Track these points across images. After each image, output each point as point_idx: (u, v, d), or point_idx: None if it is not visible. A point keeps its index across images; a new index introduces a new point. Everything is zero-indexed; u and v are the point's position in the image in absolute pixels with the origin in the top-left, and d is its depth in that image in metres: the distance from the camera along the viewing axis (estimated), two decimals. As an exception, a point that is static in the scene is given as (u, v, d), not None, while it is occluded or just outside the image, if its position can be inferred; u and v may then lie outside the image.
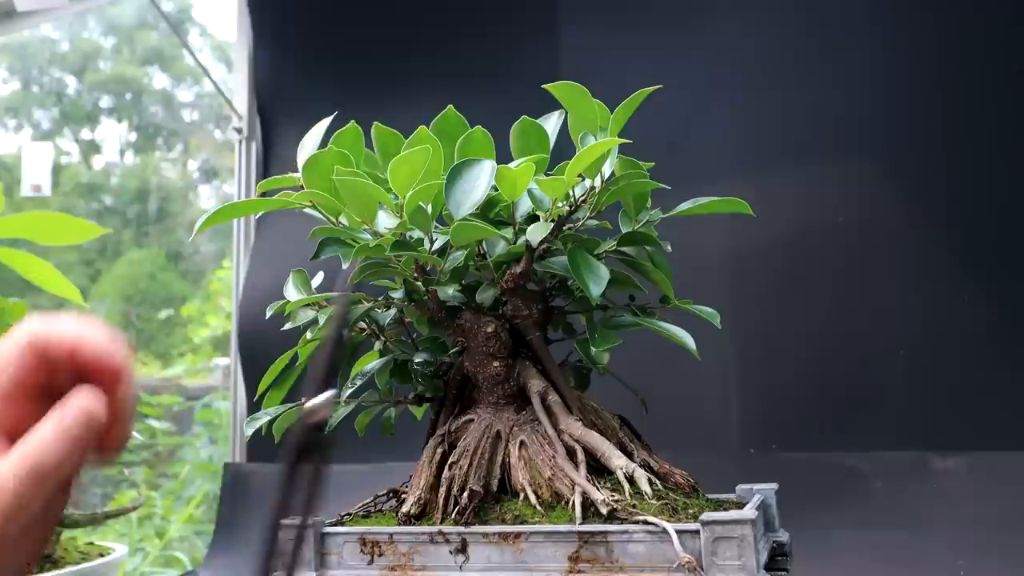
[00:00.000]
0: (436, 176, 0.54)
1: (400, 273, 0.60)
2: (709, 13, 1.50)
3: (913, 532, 1.14)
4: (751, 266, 1.41)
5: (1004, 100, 1.29)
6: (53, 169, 2.40)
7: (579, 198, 0.56)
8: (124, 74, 7.09)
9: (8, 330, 0.45)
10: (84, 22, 6.88)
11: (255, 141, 1.95)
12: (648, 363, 0.98)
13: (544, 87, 0.56)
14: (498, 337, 0.59)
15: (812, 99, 1.41)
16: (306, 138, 0.60)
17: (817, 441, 1.32)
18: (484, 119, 0.59)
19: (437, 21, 1.74)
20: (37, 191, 2.30)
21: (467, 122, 0.61)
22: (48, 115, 7.20)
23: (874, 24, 1.39)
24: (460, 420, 0.61)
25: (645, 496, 0.52)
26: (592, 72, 1.53)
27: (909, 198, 1.34)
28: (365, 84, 1.77)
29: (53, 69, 7.02)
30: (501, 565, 0.51)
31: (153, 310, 6.41)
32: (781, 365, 1.38)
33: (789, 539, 0.61)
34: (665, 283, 0.61)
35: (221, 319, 4.96)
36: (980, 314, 1.26)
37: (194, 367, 5.22)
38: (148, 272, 6.51)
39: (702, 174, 1.39)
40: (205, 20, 6.74)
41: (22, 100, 6.69)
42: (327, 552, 0.55)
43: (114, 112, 7.28)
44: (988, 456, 1.21)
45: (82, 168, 7.05)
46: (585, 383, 0.65)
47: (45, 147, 2.58)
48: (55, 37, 6.84)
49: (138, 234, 6.82)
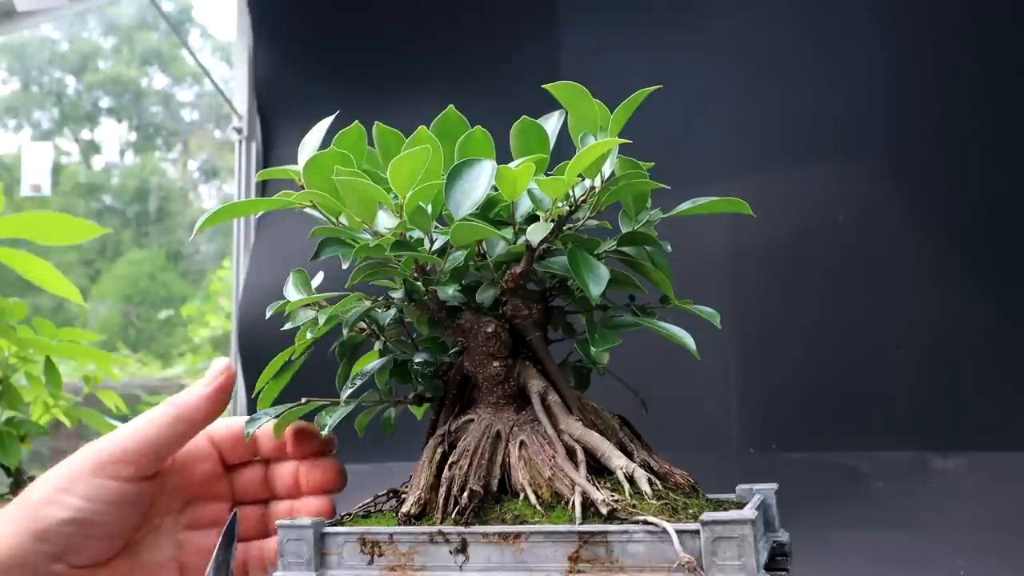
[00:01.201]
0: (436, 176, 0.54)
1: (400, 273, 0.60)
2: (709, 13, 1.50)
3: (913, 532, 1.14)
4: (751, 266, 1.41)
5: (1004, 100, 1.29)
6: (53, 169, 2.41)
7: (579, 198, 0.56)
8: (124, 74, 7.09)
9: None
10: (84, 22, 6.88)
11: (255, 141, 1.95)
12: (648, 363, 0.98)
13: (544, 87, 0.56)
14: (498, 337, 0.59)
15: (812, 99, 1.41)
16: (307, 138, 0.60)
17: (817, 441, 1.32)
18: (484, 119, 0.59)
19: (437, 21, 1.74)
20: (37, 191, 2.30)
21: (467, 122, 0.61)
22: (48, 115, 7.20)
23: (873, 24, 1.39)
24: (460, 420, 0.61)
25: (645, 496, 0.52)
26: (592, 72, 1.53)
27: (909, 198, 1.34)
28: (365, 84, 1.77)
29: (53, 69, 7.03)
30: (501, 565, 0.51)
31: (153, 310, 6.42)
32: (781, 365, 1.38)
33: (789, 539, 0.61)
34: (665, 283, 0.61)
35: (221, 319, 4.96)
36: (979, 314, 1.27)
37: (194, 367, 5.22)
38: (148, 272, 6.52)
39: (702, 174, 1.39)
40: (205, 20, 6.75)
41: (22, 100, 6.70)
42: (327, 552, 0.55)
43: (114, 112, 7.29)
44: (988, 456, 1.21)
45: (82, 168, 7.05)
46: (585, 383, 0.66)
47: (45, 147, 2.59)
48: (55, 37, 6.84)
49: (138, 234, 6.82)
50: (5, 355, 1.12)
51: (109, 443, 0.56)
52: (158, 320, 6.42)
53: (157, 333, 6.41)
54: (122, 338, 5.92)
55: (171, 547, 0.60)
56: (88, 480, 0.54)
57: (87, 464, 0.55)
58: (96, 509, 0.54)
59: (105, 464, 0.55)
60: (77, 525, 0.54)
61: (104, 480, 0.55)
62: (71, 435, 1.57)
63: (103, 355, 1.21)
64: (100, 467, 0.55)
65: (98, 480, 0.54)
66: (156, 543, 0.60)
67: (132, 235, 6.81)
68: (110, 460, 0.55)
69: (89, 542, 0.55)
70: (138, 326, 6.45)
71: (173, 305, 6.30)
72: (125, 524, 0.56)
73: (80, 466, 0.55)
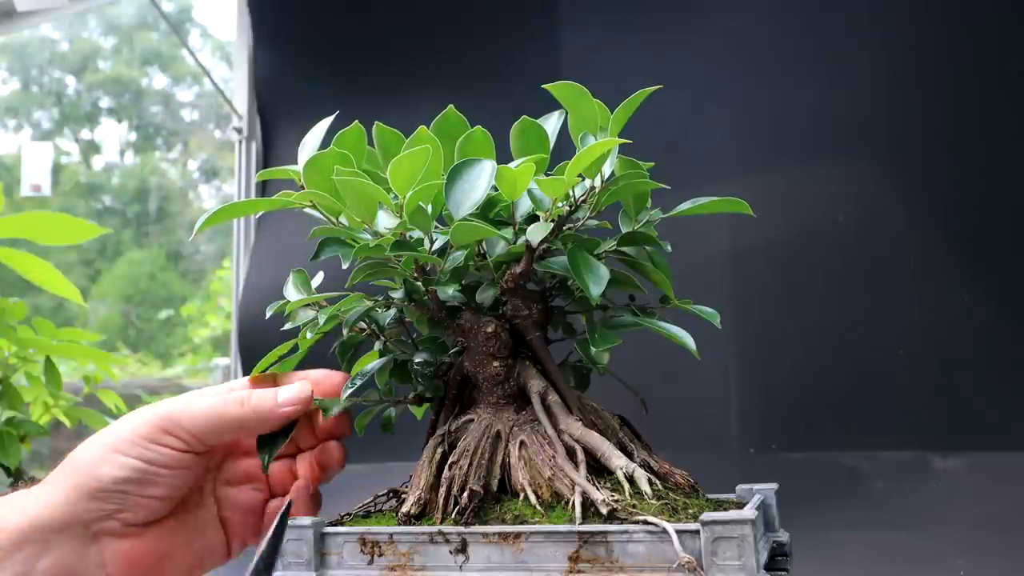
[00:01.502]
0: (436, 176, 0.54)
1: (400, 273, 0.60)
2: (708, 13, 1.50)
3: (913, 532, 1.14)
4: (751, 266, 1.41)
5: (1004, 100, 1.29)
6: (53, 169, 2.41)
7: (579, 198, 0.56)
8: (124, 74, 7.09)
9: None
10: (84, 22, 6.88)
11: (255, 141, 1.96)
12: (648, 363, 0.98)
13: (544, 87, 0.56)
14: (498, 337, 0.59)
15: (812, 99, 1.41)
16: (306, 138, 0.60)
17: (817, 441, 1.32)
18: (484, 119, 0.59)
19: (438, 21, 1.74)
20: (37, 191, 2.30)
21: (467, 122, 0.61)
22: (48, 115, 7.20)
23: (873, 24, 1.39)
24: (460, 420, 0.61)
25: (645, 496, 0.52)
26: (592, 72, 1.53)
27: (909, 198, 1.34)
28: (365, 84, 1.77)
29: (53, 69, 7.03)
30: (501, 565, 0.51)
31: (153, 310, 6.42)
32: (781, 365, 1.38)
33: (789, 539, 0.61)
34: (665, 283, 0.61)
35: (221, 319, 4.96)
36: (979, 314, 1.27)
37: (194, 367, 5.22)
38: (148, 272, 6.52)
39: (702, 174, 1.39)
40: (205, 20, 6.75)
41: (22, 100, 6.70)
42: (327, 552, 0.55)
43: (114, 112, 7.29)
44: (988, 456, 1.21)
45: (82, 168, 7.05)
46: (585, 383, 0.65)
47: (45, 147, 2.59)
48: (55, 37, 6.84)
49: (138, 234, 6.82)
50: (5, 355, 1.12)
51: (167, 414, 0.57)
52: (158, 320, 6.42)
53: (157, 333, 6.41)
54: (122, 338, 5.92)
55: (213, 504, 0.62)
56: (145, 444, 0.56)
57: (144, 428, 0.56)
58: (153, 471, 0.56)
59: (161, 433, 0.56)
60: (134, 484, 0.55)
61: (159, 447, 0.56)
62: (71, 435, 1.57)
63: (103, 355, 1.21)
64: (156, 435, 0.56)
65: (154, 445, 0.56)
66: (200, 501, 0.62)
67: (132, 235, 6.82)
68: (166, 431, 0.57)
69: (145, 500, 0.56)
70: (138, 326, 6.45)
71: (173, 305, 6.31)
72: (180, 485, 0.58)
73: (137, 429, 0.56)
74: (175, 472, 0.57)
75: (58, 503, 0.55)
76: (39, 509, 0.55)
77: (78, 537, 0.55)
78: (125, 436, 0.56)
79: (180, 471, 0.57)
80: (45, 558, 0.54)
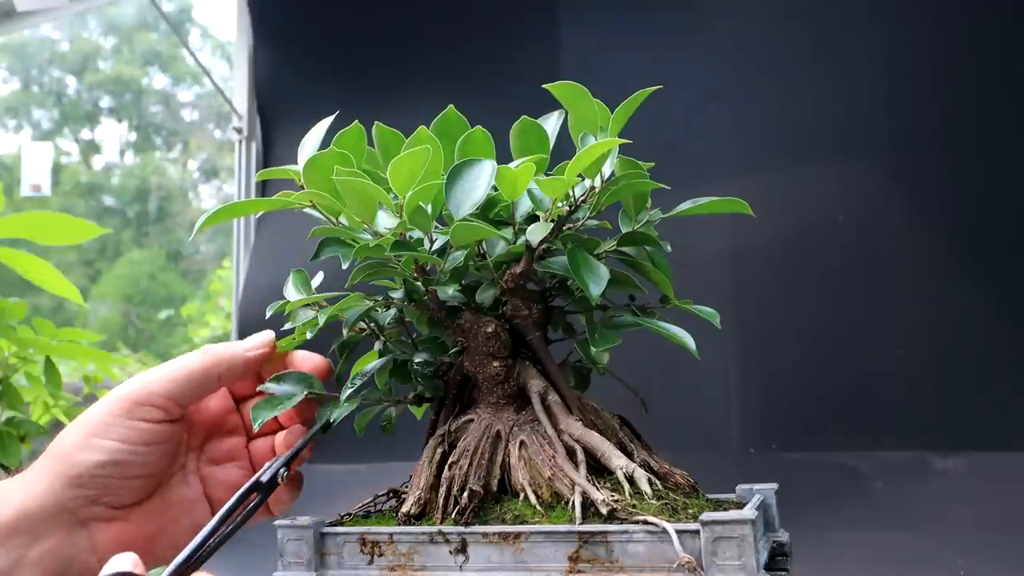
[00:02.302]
0: (436, 176, 0.54)
1: (400, 273, 0.60)
2: (709, 13, 1.50)
3: (913, 532, 1.14)
4: (751, 266, 1.41)
5: (1004, 100, 1.29)
6: (53, 169, 2.41)
7: (579, 198, 0.56)
8: (124, 74, 7.09)
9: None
10: (84, 22, 6.88)
11: (255, 141, 1.96)
12: (648, 363, 0.98)
13: (544, 87, 0.56)
14: (498, 337, 0.59)
15: (812, 99, 1.41)
16: (306, 138, 0.60)
17: (817, 441, 1.32)
18: (484, 119, 0.59)
19: (437, 21, 1.74)
20: (37, 191, 2.30)
21: (467, 122, 0.61)
22: (48, 115, 7.20)
23: (873, 24, 1.39)
24: (460, 420, 0.61)
25: (645, 496, 0.52)
26: (592, 72, 1.53)
27: (909, 198, 1.34)
28: (365, 84, 1.77)
29: (53, 69, 7.02)
30: (501, 565, 0.51)
31: (153, 310, 6.42)
32: (781, 365, 1.38)
33: (789, 539, 0.61)
34: (665, 283, 0.61)
35: (221, 319, 4.96)
36: (979, 314, 1.27)
37: (194, 367, 5.21)
38: (148, 272, 6.52)
39: (702, 174, 1.39)
40: (205, 20, 6.75)
41: (22, 100, 6.70)
42: (327, 552, 0.55)
43: (114, 112, 7.29)
44: (988, 456, 1.21)
45: (82, 168, 7.05)
46: (585, 383, 0.65)
47: (45, 147, 2.59)
48: (55, 37, 6.84)
49: (138, 234, 6.82)
50: (5, 355, 1.12)
51: (139, 386, 0.58)
52: (158, 320, 6.42)
53: (157, 333, 6.41)
54: (122, 338, 5.92)
55: (197, 483, 0.63)
56: (120, 422, 0.56)
57: (117, 407, 0.57)
58: (131, 450, 0.57)
59: (135, 407, 0.57)
60: (113, 467, 0.56)
61: (135, 422, 0.57)
62: (71, 435, 1.56)
63: (103, 355, 1.21)
64: (130, 410, 0.57)
65: (129, 422, 0.57)
66: (184, 480, 0.62)
67: (132, 235, 6.81)
68: (140, 403, 0.57)
69: (126, 482, 0.57)
70: (138, 326, 6.45)
71: (173, 305, 6.30)
72: (159, 463, 0.59)
73: (110, 410, 0.57)
74: (153, 448, 0.57)
75: (43, 492, 0.56)
76: (26, 500, 0.55)
77: (67, 524, 0.56)
78: (100, 419, 0.57)
79: (158, 446, 0.58)
80: (36, 547, 0.55)
